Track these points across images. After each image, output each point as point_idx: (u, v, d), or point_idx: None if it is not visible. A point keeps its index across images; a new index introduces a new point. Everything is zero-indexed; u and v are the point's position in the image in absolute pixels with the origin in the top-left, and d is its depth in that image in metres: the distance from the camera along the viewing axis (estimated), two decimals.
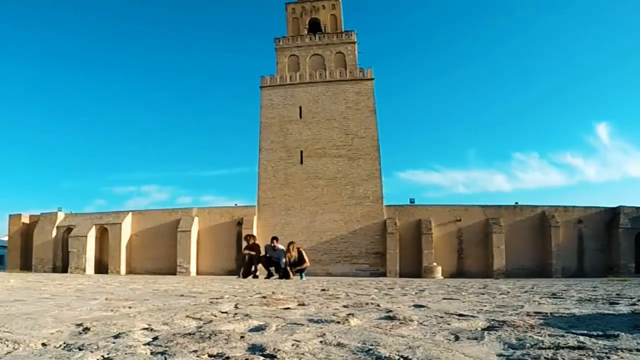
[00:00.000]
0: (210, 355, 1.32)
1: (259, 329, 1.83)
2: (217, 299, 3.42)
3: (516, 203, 26.22)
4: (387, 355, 1.31)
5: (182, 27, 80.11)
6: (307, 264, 12.62)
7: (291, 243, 12.64)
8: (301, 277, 11.85)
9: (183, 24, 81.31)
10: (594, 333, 1.65)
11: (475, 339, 1.60)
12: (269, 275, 12.27)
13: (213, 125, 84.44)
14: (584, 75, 76.63)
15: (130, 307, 2.65)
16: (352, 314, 2.28)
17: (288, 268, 11.90)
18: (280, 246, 12.63)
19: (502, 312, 2.46)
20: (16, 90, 74.61)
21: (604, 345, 1.42)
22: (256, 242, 13.78)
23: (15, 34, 72.86)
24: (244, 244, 13.96)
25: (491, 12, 78.94)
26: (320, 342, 1.52)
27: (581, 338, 1.53)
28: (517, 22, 77.82)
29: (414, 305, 2.88)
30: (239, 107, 78.51)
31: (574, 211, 25.39)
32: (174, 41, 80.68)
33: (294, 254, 12.31)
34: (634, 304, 2.86)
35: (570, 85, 76.28)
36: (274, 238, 12.81)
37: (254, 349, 1.41)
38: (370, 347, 1.42)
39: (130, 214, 27.82)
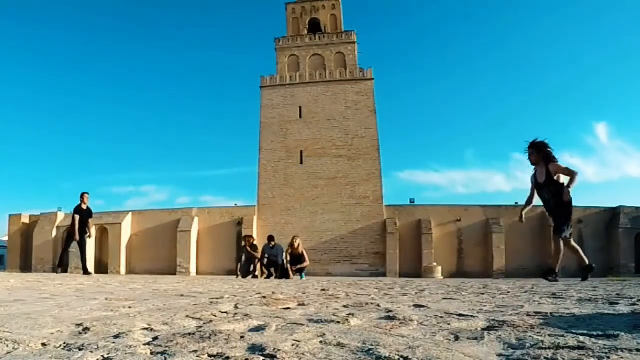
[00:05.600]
0: (210, 355, 1.32)
1: (259, 329, 1.83)
2: (217, 299, 3.42)
3: (516, 203, 26.23)
4: (387, 355, 1.30)
5: (181, 26, 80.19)
6: (307, 262, 12.67)
7: (295, 237, 12.60)
8: (301, 277, 11.85)
9: (182, 23, 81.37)
10: (594, 333, 1.65)
11: (475, 339, 1.60)
12: (269, 276, 12.33)
13: (213, 125, 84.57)
14: (582, 75, 76.71)
15: (130, 307, 2.65)
16: (352, 314, 2.28)
17: (289, 266, 11.92)
18: (279, 244, 12.99)
19: (502, 312, 2.46)
20: (16, 90, 74.61)
21: (604, 345, 1.42)
22: (255, 242, 14.09)
23: (16, 34, 72.88)
24: (243, 243, 14.29)
25: (491, 13, 78.98)
26: (320, 342, 1.51)
27: (581, 338, 1.53)
28: (517, 23, 77.86)
29: (414, 305, 2.88)
30: (239, 107, 78.64)
31: (574, 211, 25.38)
32: (173, 41, 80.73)
33: (299, 249, 12.27)
34: (634, 304, 2.86)
35: (569, 86, 76.36)
36: (271, 237, 13.02)
37: (254, 349, 1.41)
38: (370, 347, 1.42)
39: (130, 214, 27.83)
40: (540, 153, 6.95)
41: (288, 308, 2.69)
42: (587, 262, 7.15)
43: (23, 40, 77.02)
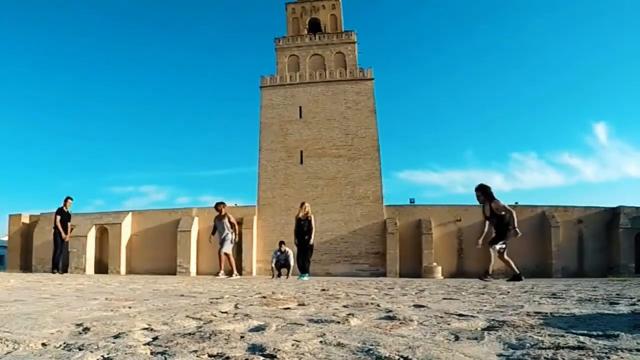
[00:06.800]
0: (210, 355, 1.32)
1: (259, 329, 1.83)
2: (217, 299, 3.42)
3: (516, 203, 26.21)
4: (387, 355, 1.30)
5: (181, 26, 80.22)
6: (314, 231, 11.60)
7: (303, 203, 11.81)
8: (301, 277, 11.85)
9: (182, 23, 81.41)
10: (594, 333, 1.65)
11: (475, 339, 1.60)
12: (279, 276, 13.14)
13: (212, 125, 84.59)
14: (582, 75, 76.75)
15: (130, 307, 2.65)
16: (352, 314, 2.28)
17: (296, 258, 11.94)
18: (288, 249, 14.19)
19: (502, 312, 2.46)
20: (16, 90, 74.63)
21: (604, 345, 1.42)
22: (226, 210, 11.55)
23: (15, 34, 72.92)
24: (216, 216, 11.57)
25: (490, 13, 79.01)
26: (320, 342, 1.51)
27: (581, 338, 1.53)
28: (516, 23, 77.89)
29: (414, 305, 2.88)
30: (239, 107, 78.67)
31: (574, 211, 25.38)
32: (173, 41, 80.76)
33: (306, 211, 11.47)
34: (634, 304, 2.86)
35: (569, 86, 76.40)
36: (281, 242, 14.65)
37: (254, 349, 1.41)
38: (370, 347, 1.42)
39: (130, 214, 27.81)
40: (485, 195, 8.79)
41: (288, 308, 2.69)
42: (517, 272, 8.71)
43: (23, 40, 77.06)
